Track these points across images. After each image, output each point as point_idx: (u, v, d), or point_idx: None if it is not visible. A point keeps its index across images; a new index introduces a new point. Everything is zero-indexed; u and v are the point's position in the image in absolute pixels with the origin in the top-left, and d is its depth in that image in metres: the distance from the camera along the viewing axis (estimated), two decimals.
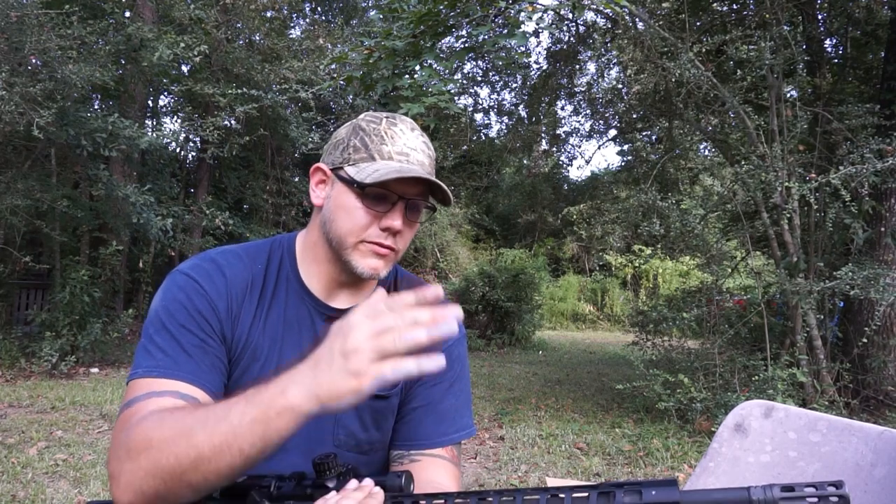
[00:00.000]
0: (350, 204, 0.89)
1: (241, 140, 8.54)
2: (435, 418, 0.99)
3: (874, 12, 5.91)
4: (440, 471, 0.96)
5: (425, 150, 0.93)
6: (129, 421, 0.76)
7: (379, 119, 0.92)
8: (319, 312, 0.96)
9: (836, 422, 1.02)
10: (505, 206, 18.15)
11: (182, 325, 0.86)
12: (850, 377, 4.93)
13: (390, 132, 0.90)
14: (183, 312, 0.87)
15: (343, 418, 0.96)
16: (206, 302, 0.88)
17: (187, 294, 0.88)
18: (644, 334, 6.17)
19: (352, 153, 0.90)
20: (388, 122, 0.92)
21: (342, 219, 0.90)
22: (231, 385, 0.91)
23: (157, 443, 0.69)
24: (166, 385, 0.81)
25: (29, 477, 3.22)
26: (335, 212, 0.91)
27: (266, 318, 0.93)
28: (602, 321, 15.10)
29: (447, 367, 1.00)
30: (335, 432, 0.96)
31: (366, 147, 0.89)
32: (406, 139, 0.91)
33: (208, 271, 0.91)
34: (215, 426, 0.67)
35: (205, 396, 0.82)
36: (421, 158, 0.91)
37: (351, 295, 0.98)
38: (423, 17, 3.81)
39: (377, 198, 0.88)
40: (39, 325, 6.80)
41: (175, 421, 0.71)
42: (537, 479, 3.44)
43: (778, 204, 4.68)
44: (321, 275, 0.96)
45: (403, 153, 0.90)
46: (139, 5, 7.91)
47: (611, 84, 10.51)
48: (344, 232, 0.90)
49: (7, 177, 6.32)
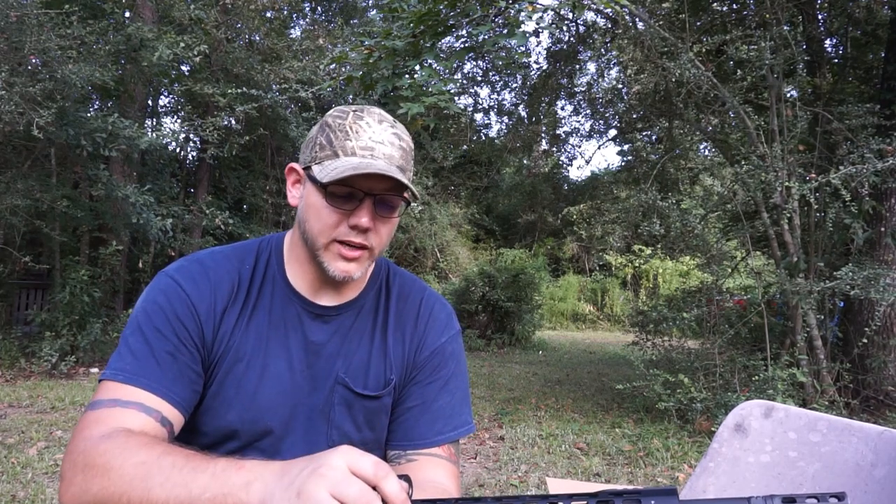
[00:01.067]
0: (318, 203, 0.88)
1: (240, 140, 8.53)
2: (430, 417, 0.99)
3: (874, 12, 5.91)
4: (438, 470, 0.95)
5: (394, 141, 0.89)
6: (93, 428, 0.78)
7: (345, 113, 0.90)
8: (307, 311, 0.96)
9: (836, 422, 1.02)
10: (505, 206, 18.15)
11: (157, 330, 0.87)
12: (850, 377, 4.93)
13: (355, 126, 0.88)
14: (160, 316, 0.88)
15: (336, 419, 0.96)
16: (186, 306, 0.89)
17: (167, 297, 0.89)
18: (644, 334, 6.17)
19: (318, 151, 0.89)
20: (354, 116, 0.89)
21: (312, 219, 0.89)
22: (214, 386, 0.91)
23: (115, 476, 0.69)
24: (132, 394, 0.82)
25: (29, 477, 3.22)
26: (307, 212, 0.91)
27: (250, 318, 0.94)
28: (602, 321, 15.09)
29: (441, 364, 1.02)
30: (329, 433, 0.96)
31: (330, 144, 0.88)
32: (372, 132, 0.88)
33: (193, 274, 0.92)
34: (174, 488, 0.66)
35: (168, 409, 0.84)
36: (388, 151, 0.88)
37: (336, 293, 0.98)
38: (422, 16, 3.81)
39: (343, 196, 0.87)
40: (39, 325, 6.81)
41: (138, 460, 0.70)
42: (537, 479, 3.44)
43: (778, 204, 4.67)
44: (305, 274, 0.96)
45: (368, 147, 0.87)
46: (139, 5, 7.90)
47: (611, 84, 10.53)
48: (315, 232, 0.89)
49: (7, 177, 6.31)
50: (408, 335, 1.01)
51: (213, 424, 0.91)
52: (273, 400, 0.92)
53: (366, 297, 1.01)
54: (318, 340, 0.96)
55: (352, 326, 0.99)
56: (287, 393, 0.93)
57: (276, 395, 0.92)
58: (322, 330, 0.96)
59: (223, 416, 0.91)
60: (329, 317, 0.97)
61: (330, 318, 0.97)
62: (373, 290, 1.02)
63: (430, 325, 1.03)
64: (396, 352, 1.00)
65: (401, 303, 1.03)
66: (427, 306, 1.04)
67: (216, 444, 0.92)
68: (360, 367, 0.97)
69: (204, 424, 0.92)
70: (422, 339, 1.01)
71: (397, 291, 1.04)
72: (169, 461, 0.69)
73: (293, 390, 0.94)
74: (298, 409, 0.94)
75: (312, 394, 0.95)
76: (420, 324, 1.02)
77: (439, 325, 1.04)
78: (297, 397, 0.94)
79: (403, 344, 1.01)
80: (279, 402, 0.93)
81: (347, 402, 0.96)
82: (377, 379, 0.98)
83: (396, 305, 1.03)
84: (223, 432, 0.92)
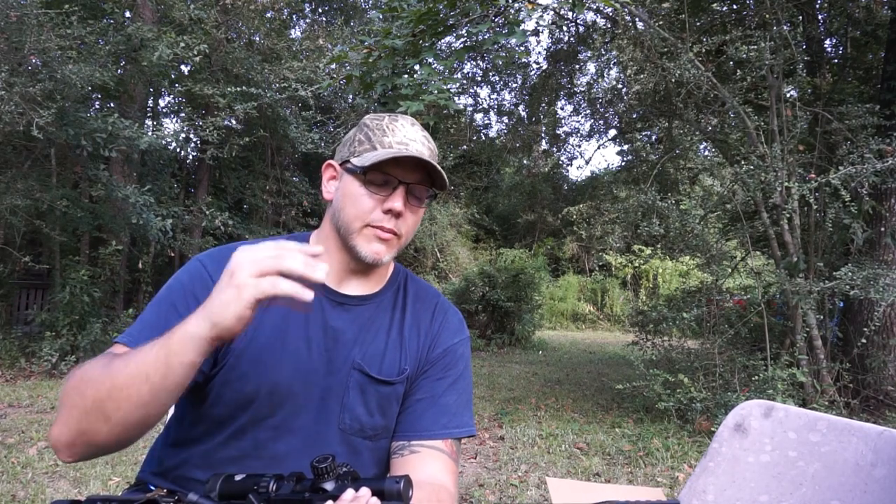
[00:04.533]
0: (355, 191, 0.97)
1: (240, 140, 8.53)
2: (436, 411, 1.03)
3: (874, 12, 5.91)
4: (438, 464, 0.99)
5: (425, 142, 1.00)
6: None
7: (382, 116, 1.01)
8: (329, 298, 1.01)
9: (836, 422, 1.02)
10: (505, 206, 18.15)
11: (172, 305, 0.94)
12: (850, 377, 4.93)
13: (392, 126, 0.99)
14: (179, 292, 0.96)
15: (349, 403, 0.99)
16: (205, 285, 0.93)
17: (190, 276, 0.98)
18: (644, 334, 6.16)
19: (357, 146, 0.99)
20: (390, 119, 1.00)
21: (349, 206, 0.97)
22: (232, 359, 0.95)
23: (86, 379, 0.79)
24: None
25: (29, 477, 3.22)
26: (343, 200, 0.98)
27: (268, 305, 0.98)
28: (602, 321, 15.09)
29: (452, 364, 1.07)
30: (340, 416, 0.99)
31: (369, 140, 0.98)
32: (406, 132, 0.99)
33: (220, 256, 0.99)
34: (130, 359, 0.77)
35: None
36: (420, 148, 0.98)
37: (361, 282, 1.04)
38: (422, 16, 3.81)
39: (379, 183, 0.96)
40: (39, 325, 6.81)
41: (102, 362, 0.81)
42: (537, 479, 3.44)
43: (778, 204, 4.67)
44: (332, 263, 1.01)
45: (403, 143, 0.97)
46: (139, 5, 7.89)
47: (611, 84, 10.52)
48: (351, 217, 0.97)
49: (7, 177, 6.31)
50: (423, 332, 1.08)
51: (231, 395, 0.95)
52: (289, 377, 0.96)
53: (385, 294, 1.08)
54: (337, 327, 1.01)
55: (371, 318, 1.04)
56: (304, 371, 0.97)
57: (293, 373, 0.97)
58: (342, 318, 1.01)
59: (241, 388, 0.95)
60: (350, 306, 1.03)
61: (351, 307, 1.03)
62: (392, 289, 1.09)
63: (444, 325, 1.10)
64: (412, 345, 1.06)
65: (417, 303, 1.11)
66: (441, 309, 1.12)
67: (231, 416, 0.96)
68: (376, 354, 1.02)
69: (222, 396, 0.96)
70: (436, 336, 1.08)
71: (414, 293, 1.12)
72: (125, 356, 0.80)
73: (310, 371, 0.98)
74: (313, 388, 0.98)
75: (328, 376, 0.99)
76: (435, 323, 1.09)
77: (452, 328, 1.11)
78: (313, 377, 0.98)
79: (418, 339, 1.07)
80: (295, 380, 0.96)
81: (361, 386, 1.00)
82: (392, 366, 1.03)
83: (413, 305, 1.10)
84: (240, 401, 0.95)
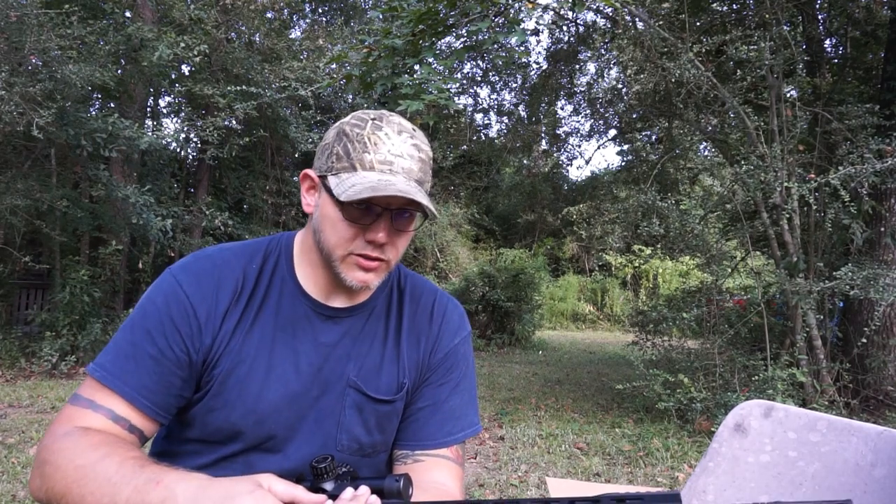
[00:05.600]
0: (334, 216, 0.87)
1: (240, 140, 8.53)
2: (440, 418, 0.99)
3: (874, 12, 5.91)
4: (443, 471, 0.96)
5: (413, 153, 0.87)
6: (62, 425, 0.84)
7: (364, 122, 0.87)
8: (317, 312, 0.95)
9: (836, 422, 1.02)
10: (505, 206, 18.14)
11: (148, 332, 0.88)
12: (850, 377, 4.93)
13: (374, 138, 0.85)
14: (154, 318, 0.88)
15: (347, 423, 0.94)
16: (183, 309, 0.88)
17: (166, 299, 0.89)
18: (644, 334, 6.16)
19: (335, 162, 0.87)
20: (372, 126, 0.86)
21: (328, 231, 0.88)
22: (215, 386, 0.90)
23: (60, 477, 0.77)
24: (106, 399, 0.85)
25: (29, 477, 3.22)
26: (322, 222, 0.89)
27: (255, 319, 0.92)
28: (602, 321, 15.09)
29: (453, 366, 1.02)
30: (338, 438, 0.94)
31: (347, 155, 0.85)
32: (391, 145, 0.85)
33: (198, 272, 0.91)
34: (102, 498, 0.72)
35: (138, 418, 0.86)
36: (407, 165, 0.86)
37: (349, 297, 0.97)
38: (422, 15, 3.81)
39: (360, 211, 0.85)
40: (39, 325, 6.81)
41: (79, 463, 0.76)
42: (537, 479, 3.44)
43: (778, 204, 4.67)
44: (318, 278, 0.95)
45: (386, 161, 0.85)
46: (139, 5, 7.90)
47: (611, 84, 10.52)
48: (331, 245, 0.88)
49: (7, 177, 6.31)
50: (423, 338, 1.01)
51: (217, 424, 0.91)
52: (277, 403, 0.91)
53: (377, 299, 1.00)
54: (328, 342, 0.94)
55: (363, 328, 0.98)
56: (293, 396, 0.92)
57: (281, 397, 0.91)
58: (332, 331, 0.95)
59: (226, 417, 0.90)
60: (339, 318, 0.96)
61: (340, 319, 0.96)
62: (384, 292, 1.01)
63: (443, 326, 1.03)
64: (411, 356, 0.99)
65: (414, 304, 1.03)
66: (440, 307, 1.05)
67: (221, 443, 0.92)
68: (372, 369, 0.96)
69: (209, 424, 0.91)
70: (436, 341, 1.02)
71: (409, 292, 1.04)
72: (103, 468, 0.74)
73: (300, 393, 0.92)
74: (306, 412, 0.93)
75: (321, 397, 0.93)
76: (434, 326, 1.02)
77: (453, 327, 1.04)
78: (304, 400, 0.92)
79: (418, 347, 1.00)
80: (284, 405, 0.91)
81: (359, 405, 0.95)
82: (390, 383, 0.97)
83: (410, 307, 1.02)
84: (227, 433, 0.91)
